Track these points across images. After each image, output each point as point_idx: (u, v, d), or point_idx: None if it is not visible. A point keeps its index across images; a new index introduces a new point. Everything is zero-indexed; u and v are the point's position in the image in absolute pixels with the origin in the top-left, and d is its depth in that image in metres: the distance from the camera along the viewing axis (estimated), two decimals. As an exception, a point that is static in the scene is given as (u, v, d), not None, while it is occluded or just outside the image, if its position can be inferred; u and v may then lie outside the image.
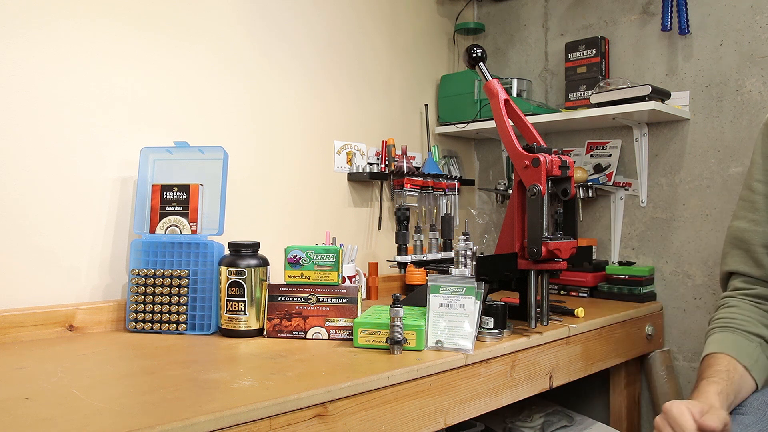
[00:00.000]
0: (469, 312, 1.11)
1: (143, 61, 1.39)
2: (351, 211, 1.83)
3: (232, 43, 1.55)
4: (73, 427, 0.70)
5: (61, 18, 1.26)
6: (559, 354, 1.30)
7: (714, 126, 1.66)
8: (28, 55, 1.22)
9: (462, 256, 1.32)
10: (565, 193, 1.22)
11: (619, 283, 1.71)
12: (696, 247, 1.70)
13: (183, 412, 0.74)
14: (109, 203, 1.34)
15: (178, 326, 1.26)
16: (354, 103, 1.84)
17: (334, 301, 1.21)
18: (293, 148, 1.68)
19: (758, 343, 1.09)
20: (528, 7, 2.10)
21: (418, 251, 1.67)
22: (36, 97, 1.24)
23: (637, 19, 1.82)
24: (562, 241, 1.19)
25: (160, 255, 1.31)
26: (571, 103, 1.84)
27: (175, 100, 1.44)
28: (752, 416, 1.00)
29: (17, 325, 1.17)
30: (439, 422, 1.04)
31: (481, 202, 2.23)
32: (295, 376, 0.92)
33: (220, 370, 0.96)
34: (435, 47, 2.13)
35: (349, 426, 0.89)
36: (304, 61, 1.71)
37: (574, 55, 1.85)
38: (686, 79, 1.71)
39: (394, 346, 1.06)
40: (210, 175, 1.36)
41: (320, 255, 1.23)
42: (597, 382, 1.83)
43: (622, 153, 1.84)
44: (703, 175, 1.69)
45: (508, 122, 1.29)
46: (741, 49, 1.61)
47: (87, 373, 0.94)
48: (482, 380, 1.12)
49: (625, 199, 1.84)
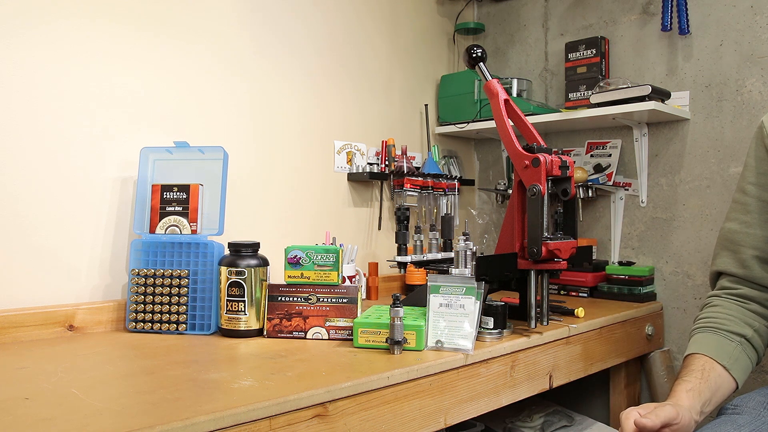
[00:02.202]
0: (469, 312, 1.11)
1: (143, 61, 1.39)
2: (351, 211, 1.83)
3: (233, 43, 1.55)
4: (73, 427, 0.70)
5: (61, 18, 1.26)
6: (559, 354, 1.30)
7: (714, 126, 1.66)
8: (28, 55, 1.22)
9: (462, 256, 1.32)
10: (565, 193, 1.22)
11: (619, 283, 1.71)
12: (696, 247, 1.70)
13: (183, 412, 0.74)
14: (109, 203, 1.34)
15: (178, 326, 1.26)
16: (354, 103, 1.84)
17: (334, 301, 1.21)
18: (293, 148, 1.68)
19: (738, 342, 1.10)
20: (528, 7, 2.10)
21: (418, 251, 1.67)
22: (36, 97, 1.24)
23: (637, 19, 1.82)
24: (562, 241, 1.19)
25: (160, 255, 1.31)
26: (571, 103, 1.84)
27: (175, 100, 1.44)
28: (747, 416, 1.01)
29: (17, 325, 1.17)
30: (439, 422, 1.04)
31: (481, 202, 2.23)
32: (295, 376, 0.92)
33: (220, 370, 0.96)
34: (435, 47, 2.13)
35: (349, 426, 0.89)
36: (305, 61, 1.71)
37: (574, 55, 1.85)
38: (686, 79, 1.71)
39: (394, 346, 1.06)
40: (210, 175, 1.36)
41: (320, 255, 1.23)
42: (597, 382, 1.83)
43: (622, 153, 1.84)
44: (703, 175, 1.69)
45: (508, 122, 1.29)
46: (741, 49, 1.61)
47: (87, 373, 0.94)
48: (482, 380, 1.12)
49: (625, 199, 1.84)
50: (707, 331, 1.13)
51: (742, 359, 1.09)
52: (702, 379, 1.04)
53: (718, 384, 1.06)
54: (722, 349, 1.09)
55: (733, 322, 1.12)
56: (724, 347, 1.09)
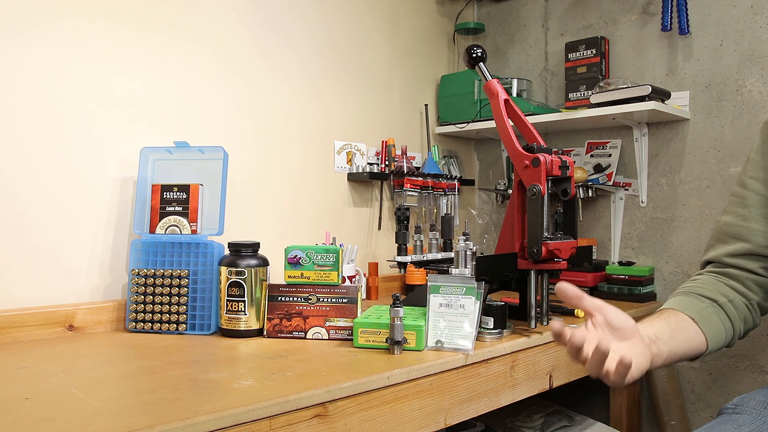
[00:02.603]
0: (469, 312, 1.11)
1: (143, 61, 1.39)
2: (351, 211, 1.83)
3: (233, 43, 1.55)
4: (73, 427, 0.70)
5: (61, 18, 1.26)
6: (559, 354, 1.30)
7: (714, 126, 1.66)
8: (28, 55, 1.22)
9: (462, 256, 1.32)
10: (565, 193, 1.22)
11: (619, 283, 1.71)
12: (696, 247, 1.70)
13: (183, 412, 0.74)
14: (109, 203, 1.34)
15: (178, 326, 1.26)
16: (354, 103, 1.84)
17: (334, 301, 1.21)
18: (293, 148, 1.68)
19: (709, 304, 1.07)
20: (528, 7, 2.10)
21: (418, 251, 1.67)
22: (36, 97, 1.24)
23: (637, 19, 1.82)
24: (562, 241, 1.19)
25: (160, 255, 1.31)
26: (571, 103, 1.84)
27: (175, 100, 1.44)
28: (748, 416, 1.00)
29: (17, 325, 1.17)
30: (439, 422, 1.04)
31: (481, 202, 2.23)
32: (295, 376, 0.92)
33: (220, 370, 0.96)
34: (435, 47, 2.13)
35: (349, 426, 0.89)
36: (305, 61, 1.71)
37: (574, 55, 1.85)
38: (686, 79, 1.71)
39: (394, 346, 1.06)
40: (210, 175, 1.36)
41: (320, 255, 1.23)
42: (597, 382, 1.82)
43: (622, 153, 1.84)
44: (703, 175, 1.69)
45: (508, 122, 1.29)
46: (741, 49, 1.61)
47: (87, 373, 0.94)
48: (482, 380, 1.12)
49: (625, 199, 1.84)
50: (679, 295, 1.11)
51: (712, 318, 1.06)
52: (659, 318, 1.01)
53: (681, 327, 1.02)
54: (690, 305, 1.06)
55: (706, 290, 1.10)
56: (693, 304, 1.07)
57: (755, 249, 1.11)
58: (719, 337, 1.06)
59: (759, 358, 1.58)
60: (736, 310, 1.08)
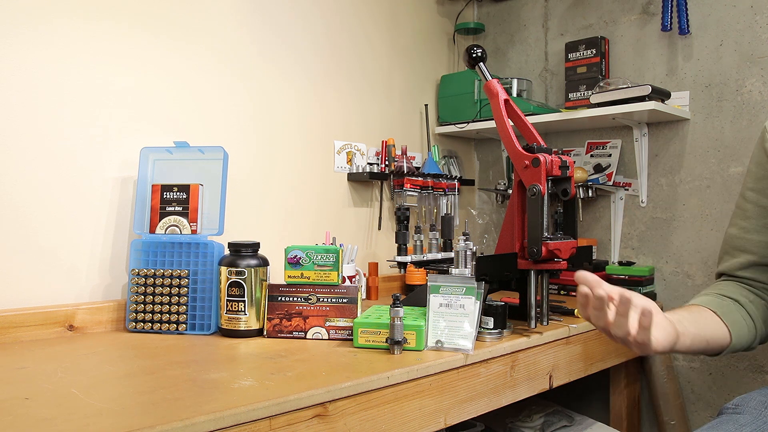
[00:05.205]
0: (469, 312, 1.11)
1: (143, 61, 1.39)
2: (351, 211, 1.83)
3: (232, 43, 1.55)
4: (73, 427, 0.70)
5: (61, 18, 1.26)
6: (559, 354, 1.30)
7: (714, 126, 1.66)
8: (28, 55, 1.22)
9: (462, 256, 1.32)
10: (565, 193, 1.22)
11: (619, 283, 1.71)
12: (696, 247, 1.70)
13: (183, 412, 0.74)
14: (109, 203, 1.34)
15: (178, 326, 1.26)
16: (354, 103, 1.84)
17: (334, 301, 1.21)
18: (293, 148, 1.68)
19: (732, 302, 1.10)
20: (528, 7, 2.10)
21: (418, 251, 1.67)
22: (36, 97, 1.24)
23: (637, 19, 1.82)
24: (562, 241, 1.19)
25: (160, 255, 1.31)
26: (571, 103, 1.84)
27: (175, 100, 1.44)
28: (748, 416, 1.00)
29: (17, 325, 1.17)
30: (439, 422, 1.04)
31: (481, 202, 2.23)
32: (295, 376, 0.92)
33: (220, 370, 0.96)
34: (435, 47, 2.13)
35: (349, 426, 0.89)
36: (304, 61, 1.71)
37: (574, 55, 1.85)
38: (686, 79, 1.71)
39: (394, 346, 1.06)
40: (210, 175, 1.36)
41: (320, 255, 1.23)
42: (597, 382, 1.83)
43: (622, 153, 1.84)
44: (703, 175, 1.69)
45: (508, 122, 1.29)
46: (741, 49, 1.61)
47: (87, 373, 0.94)
48: (482, 380, 1.12)
49: (625, 199, 1.84)
50: (701, 296, 1.15)
51: (735, 314, 1.08)
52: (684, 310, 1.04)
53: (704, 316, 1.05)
54: (712, 301, 1.10)
55: (727, 291, 1.13)
56: (713, 301, 1.10)
57: (761, 260, 1.14)
58: (742, 333, 1.08)
59: (759, 358, 1.58)
60: (757, 311, 1.11)
